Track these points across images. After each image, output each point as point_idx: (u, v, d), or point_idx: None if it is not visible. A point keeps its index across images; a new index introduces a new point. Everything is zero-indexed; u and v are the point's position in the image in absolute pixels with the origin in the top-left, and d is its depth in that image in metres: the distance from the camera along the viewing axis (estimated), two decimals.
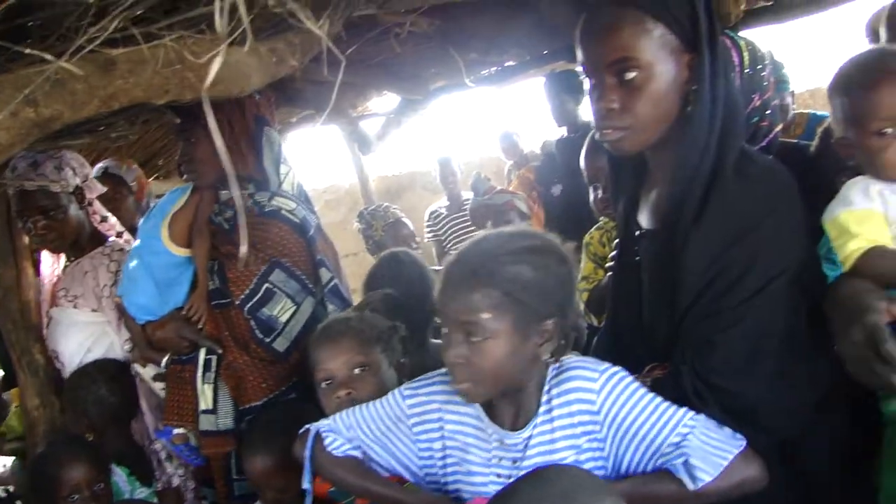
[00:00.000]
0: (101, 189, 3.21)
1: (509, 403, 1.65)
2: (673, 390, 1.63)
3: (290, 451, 1.87)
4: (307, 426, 1.85)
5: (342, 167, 6.84)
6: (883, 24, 3.92)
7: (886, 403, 1.71)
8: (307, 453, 1.79)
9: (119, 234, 3.25)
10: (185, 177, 2.80)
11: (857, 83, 1.65)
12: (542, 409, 1.62)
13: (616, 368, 1.63)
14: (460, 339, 1.55)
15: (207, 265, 2.70)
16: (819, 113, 4.29)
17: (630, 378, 1.62)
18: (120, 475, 2.84)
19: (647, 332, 1.77)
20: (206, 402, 2.63)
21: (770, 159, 1.76)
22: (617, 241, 2.02)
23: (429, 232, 5.85)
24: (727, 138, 1.64)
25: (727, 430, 1.56)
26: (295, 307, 2.63)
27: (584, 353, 1.79)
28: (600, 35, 1.65)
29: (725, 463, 1.51)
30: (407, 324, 2.32)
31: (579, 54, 1.70)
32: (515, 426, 1.65)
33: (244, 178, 2.66)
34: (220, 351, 2.63)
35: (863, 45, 4.87)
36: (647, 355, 1.69)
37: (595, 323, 2.76)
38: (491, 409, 1.67)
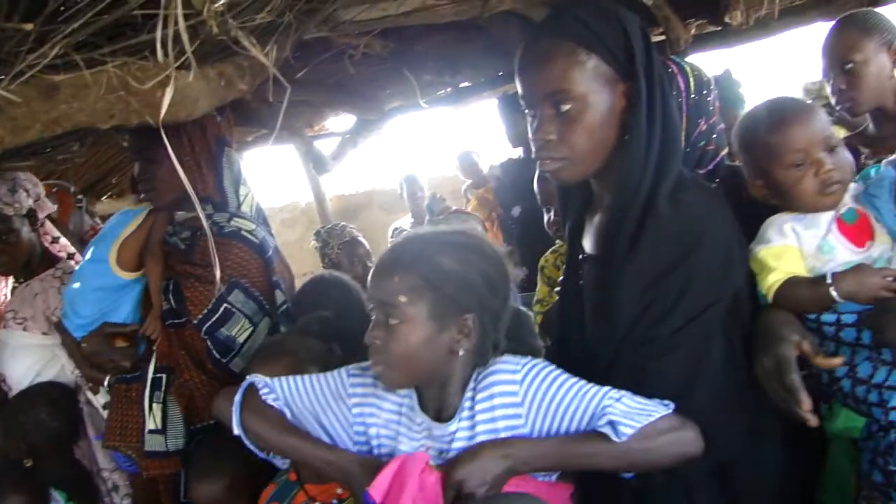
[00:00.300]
0: (52, 207, 3.16)
1: (435, 396, 1.66)
2: None
3: (238, 476, 1.85)
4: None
5: (299, 186, 6.82)
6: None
7: (829, 423, 1.75)
8: (238, 398, 1.77)
9: (70, 256, 3.20)
10: (141, 196, 2.77)
11: (769, 126, 1.73)
12: (465, 404, 1.62)
13: (536, 360, 1.64)
14: (380, 321, 1.58)
15: (161, 285, 2.67)
16: None
17: (551, 367, 1.63)
18: (58, 500, 2.79)
19: (590, 357, 1.78)
20: (154, 421, 2.57)
21: (708, 187, 1.79)
22: (564, 264, 2.04)
23: None
24: (663, 166, 1.65)
25: (654, 400, 1.57)
26: (252, 328, 2.61)
27: None
28: (536, 67, 1.67)
29: (650, 420, 1.53)
30: (343, 346, 2.31)
31: (518, 84, 1.72)
32: (440, 419, 1.65)
33: (203, 198, 2.64)
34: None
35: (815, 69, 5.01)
36: (590, 379, 1.70)
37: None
38: (422, 400, 1.68)
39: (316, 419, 1.74)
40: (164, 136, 1.42)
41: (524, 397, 1.59)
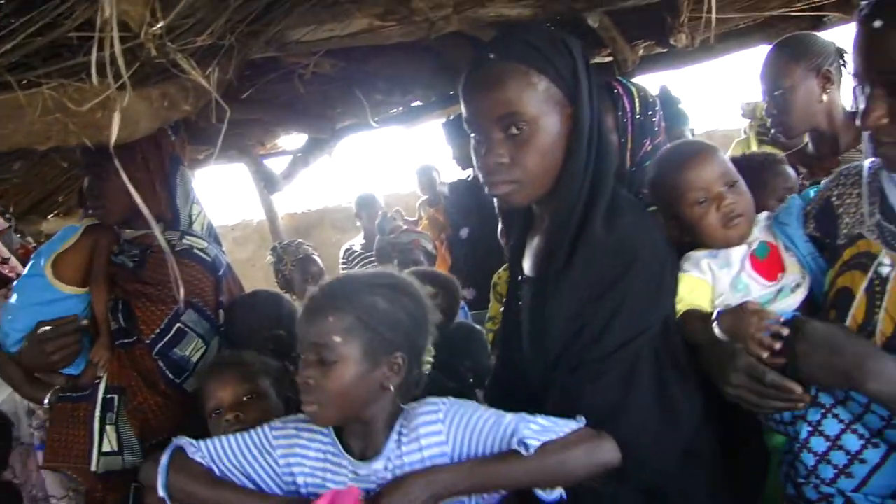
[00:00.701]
0: (4, 225, 3.10)
1: (360, 434, 1.68)
2: None
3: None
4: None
5: (251, 204, 6.77)
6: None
7: (769, 437, 1.78)
8: (164, 460, 1.74)
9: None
10: (90, 212, 2.73)
11: (672, 168, 1.83)
12: (392, 445, 1.64)
13: (455, 399, 1.68)
14: (312, 361, 1.59)
15: (109, 304, 2.62)
16: None
17: (472, 403, 1.67)
18: None
19: (527, 378, 1.79)
20: (109, 443, 2.53)
21: (644, 210, 1.82)
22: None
23: (343, 269, 5.81)
24: (598, 188, 1.68)
25: (567, 419, 1.59)
26: (205, 347, 2.58)
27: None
28: (486, 91, 1.66)
29: (559, 434, 1.56)
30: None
31: (464, 109, 1.72)
32: (365, 457, 1.66)
33: (154, 217, 2.60)
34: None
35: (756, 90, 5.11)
36: (527, 401, 1.71)
37: None
38: (344, 441, 1.69)
39: (244, 474, 1.73)
40: (114, 154, 1.41)
41: (448, 434, 1.62)
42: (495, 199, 2.83)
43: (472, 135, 1.73)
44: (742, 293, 1.73)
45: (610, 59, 3.41)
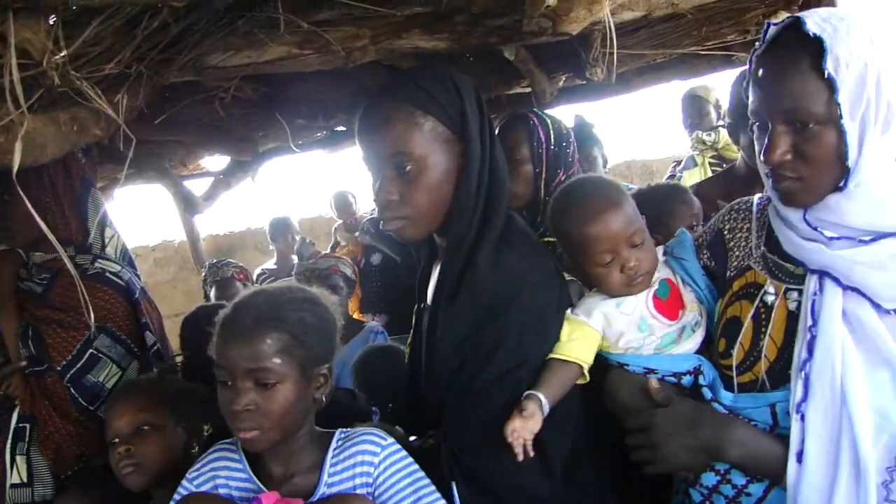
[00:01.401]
0: None
1: (282, 456, 1.66)
2: (433, 461, 1.70)
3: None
4: None
5: (173, 225, 6.67)
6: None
7: None
8: None
9: None
10: None
11: (579, 222, 1.78)
12: (327, 465, 1.65)
13: (397, 447, 1.68)
14: (249, 387, 1.56)
15: (18, 330, 2.55)
16: (631, 185, 4.61)
17: (408, 459, 1.67)
18: None
19: (426, 402, 1.84)
20: (19, 475, 2.46)
21: (537, 244, 1.85)
22: None
23: None
24: (488, 222, 1.73)
25: None
26: (121, 372, 2.56)
27: None
28: (376, 131, 1.74)
29: None
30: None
31: (359, 147, 1.77)
32: (286, 474, 1.66)
33: (64, 240, 2.56)
34: None
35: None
36: (426, 423, 1.76)
37: None
38: (260, 467, 1.68)
39: None
40: (16, 179, 1.38)
41: (376, 479, 1.63)
42: None
43: (369, 171, 1.78)
44: (646, 333, 1.77)
45: (529, 90, 3.48)
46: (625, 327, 1.78)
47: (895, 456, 1.41)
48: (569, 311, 1.79)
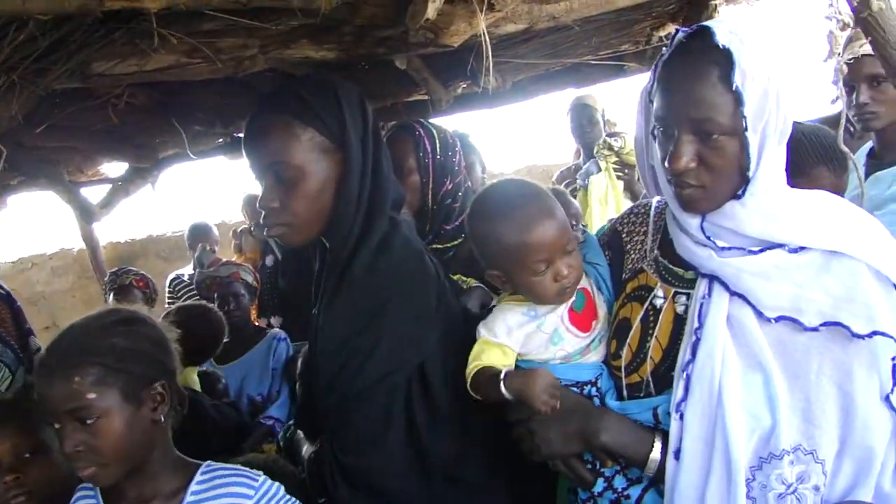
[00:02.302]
0: None
1: (133, 482, 1.62)
2: (317, 465, 1.74)
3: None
4: None
5: (71, 233, 6.48)
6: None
7: None
8: None
9: None
10: None
11: (512, 226, 1.71)
12: (186, 502, 1.62)
13: (271, 484, 1.67)
14: (75, 427, 1.52)
15: None
16: None
17: (286, 498, 1.68)
18: None
19: (316, 406, 1.87)
20: None
21: (416, 251, 1.86)
22: None
23: (169, 299, 5.63)
24: (368, 228, 1.76)
25: None
26: (11, 377, 2.53)
27: None
28: (256, 140, 1.78)
29: None
30: None
31: (245, 156, 1.79)
32: (141, 498, 1.63)
33: None
34: None
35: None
36: (317, 428, 1.80)
37: None
38: (113, 493, 1.64)
39: None
40: None
41: None
42: None
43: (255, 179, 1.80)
44: (558, 346, 1.76)
45: (425, 97, 3.53)
46: (540, 342, 1.77)
47: (759, 456, 1.48)
48: (484, 332, 1.76)
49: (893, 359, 1.45)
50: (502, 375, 1.65)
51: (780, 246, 1.52)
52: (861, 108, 2.74)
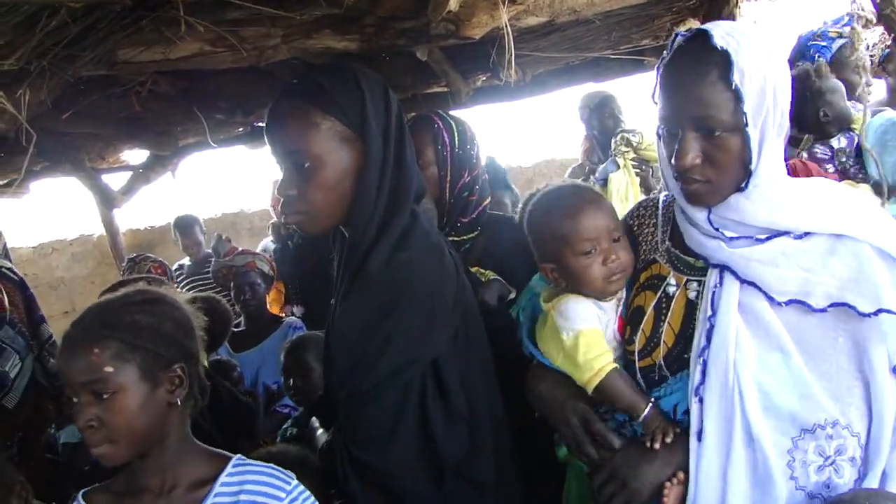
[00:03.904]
0: None
1: (156, 461, 1.61)
2: (330, 455, 1.76)
3: None
4: None
5: (91, 219, 6.53)
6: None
7: (559, 449, 1.93)
8: None
9: None
10: None
11: (562, 213, 1.79)
12: (215, 493, 1.61)
13: (303, 490, 1.65)
14: (90, 401, 1.51)
15: None
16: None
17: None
18: None
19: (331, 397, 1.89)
20: None
21: (435, 245, 1.85)
22: None
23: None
24: (389, 221, 1.75)
25: None
26: (21, 363, 2.58)
27: None
28: (276, 128, 1.76)
29: None
30: None
31: (267, 144, 1.81)
32: (164, 488, 1.61)
33: None
34: None
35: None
36: (332, 417, 1.81)
37: None
38: (137, 479, 1.62)
39: None
40: None
41: None
42: None
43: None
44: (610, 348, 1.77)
45: (445, 89, 3.55)
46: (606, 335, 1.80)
47: (791, 436, 1.53)
48: (576, 322, 1.76)
49: None
50: (653, 401, 1.67)
51: (786, 233, 1.57)
52: None
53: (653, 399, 1.67)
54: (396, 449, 1.70)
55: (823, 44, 3.54)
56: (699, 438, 1.57)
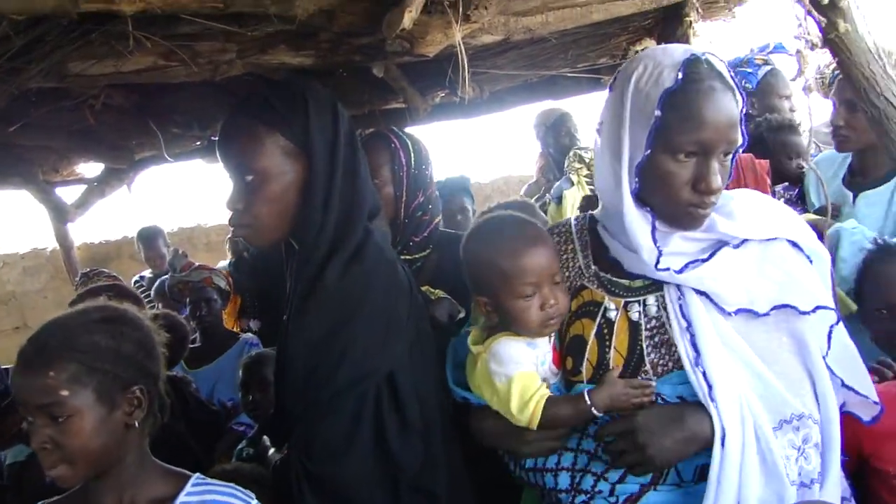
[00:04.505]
0: None
1: (114, 483, 1.58)
2: (285, 471, 1.75)
3: None
4: None
5: (45, 232, 6.42)
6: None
7: (511, 472, 1.92)
8: None
9: None
10: None
11: (504, 250, 1.73)
12: None
13: None
14: (45, 423, 1.48)
15: None
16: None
17: None
18: None
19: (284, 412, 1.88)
20: None
21: (388, 259, 1.87)
22: None
23: None
24: (342, 236, 1.77)
25: None
26: None
27: None
28: (223, 142, 1.82)
29: None
30: None
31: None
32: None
33: None
34: None
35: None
36: (284, 435, 1.80)
37: None
38: (90, 498, 1.59)
39: None
40: None
41: None
42: None
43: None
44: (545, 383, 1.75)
45: (403, 105, 3.55)
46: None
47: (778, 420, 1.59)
48: (510, 367, 1.72)
49: (831, 327, 1.67)
50: (587, 397, 1.65)
51: (726, 243, 1.65)
52: (836, 128, 2.84)
53: (586, 391, 1.66)
54: (353, 462, 1.70)
55: (749, 70, 3.63)
56: (723, 444, 1.56)
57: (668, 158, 1.58)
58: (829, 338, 1.67)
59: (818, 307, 1.63)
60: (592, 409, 1.64)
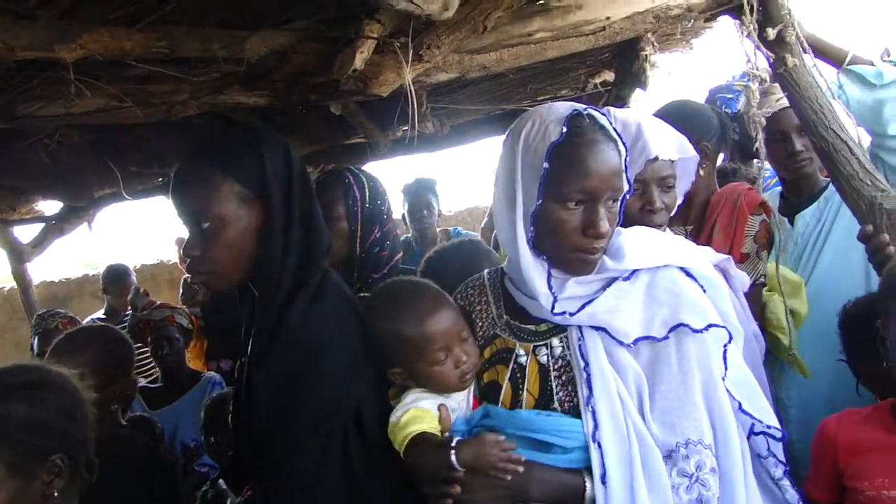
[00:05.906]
0: None
1: None
2: None
3: None
4: None
5: (1, 271, 6.30)
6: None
7: None
8: None
9: None
10: None
11: (409, 320, 1.76)
12: None
13: None
14: None
15: None
16: (462, 230, 4.79)
17: None
18: None
19: (244, 458, 1.85)
20: None
21: (348, 299, 1.88)
22: None
23: None
24: (304, 278, 1.77)
25: None
26: None
27: None
28: (178, 189, 1.78)
29: None
30: None
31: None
32: None
33: None
34: None
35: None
36: (245, 477, 1.77)
37: None
38: None
39: None
40: None
41: None
42: None
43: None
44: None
45: (364, 140, 3.55)
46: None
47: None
48: (405, 405, 1.75)
49: (724, 346, 1.70)
50: (453, 443, 1.63)
51: (615, 278, 1.71)
52: (797, 154, 2.88)
53: (456, 439, 1.65)
54: (321, 500, 1.68)
55: (730, 96, 3.68)
56: (603, 482, 1.60)
57: (558, 207, 1.64)
58: (725, 358, 1.70)
59: (710, 325, 1.66)
60: (453, 458, 1.61)
